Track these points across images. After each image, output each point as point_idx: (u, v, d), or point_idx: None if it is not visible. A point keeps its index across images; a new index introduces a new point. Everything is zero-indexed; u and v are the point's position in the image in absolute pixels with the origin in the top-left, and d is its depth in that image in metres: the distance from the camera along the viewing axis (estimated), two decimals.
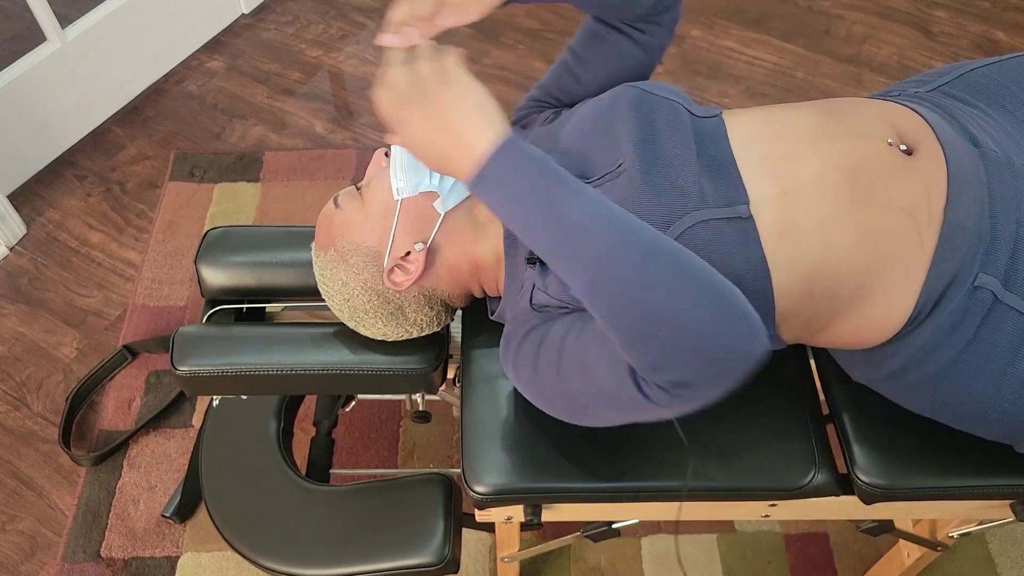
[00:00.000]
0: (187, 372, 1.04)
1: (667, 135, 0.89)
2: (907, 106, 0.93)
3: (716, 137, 0.89)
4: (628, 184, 0.86)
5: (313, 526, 1.19)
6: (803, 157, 0.86)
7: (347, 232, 0.96)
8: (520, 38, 2.38)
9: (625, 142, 0.89)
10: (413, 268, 0.96)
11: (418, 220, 0.94)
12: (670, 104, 0.92)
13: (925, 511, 1.02)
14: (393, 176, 0.93)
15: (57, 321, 1.80)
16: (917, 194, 0.84)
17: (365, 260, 0.96)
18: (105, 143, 2.13)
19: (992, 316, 0.84)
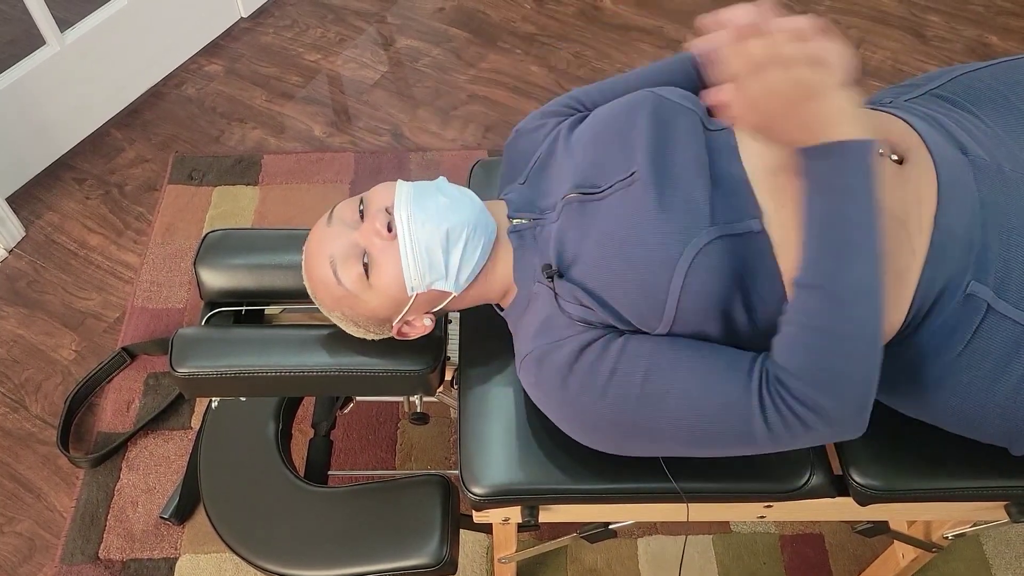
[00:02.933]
0: (186, 374, 1.05)
1: (682, 147, 0.89)
2: (897, 116, 0.94)
3: (727, 151, 0.89)
4: (642, 195, 0.87)
5: (311, 528, 1.20)
6: None
7: (354, 308, 0.94)
8: (517, 43, 2.39)
9: (640, 151, 0.89)
10: (420, 328, 0.97)
11: (428, 302, 0.94)
12: (688, 113, 0.92)
13: (920, 512, 1.03)
14: (406, 274, 0.90)
15: (56, 323, 1.81)
16: (908, 202, 0.85)
17: (372, 322, 0.96)
18: (104, 146, 2.14)
19: (985, 324, 0.84)
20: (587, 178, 0.93)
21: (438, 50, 2.38)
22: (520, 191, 1.01)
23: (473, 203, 0.93)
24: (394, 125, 2.19)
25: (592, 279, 0.88)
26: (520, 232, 0.95)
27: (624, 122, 0.94)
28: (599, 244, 0.88)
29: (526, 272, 0.94)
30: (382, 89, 2.28)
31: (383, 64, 2.35)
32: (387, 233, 0.89)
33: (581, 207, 0.92)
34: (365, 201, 0.93)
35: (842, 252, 0.76)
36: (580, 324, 0.88)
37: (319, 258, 0.92)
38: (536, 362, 0.90)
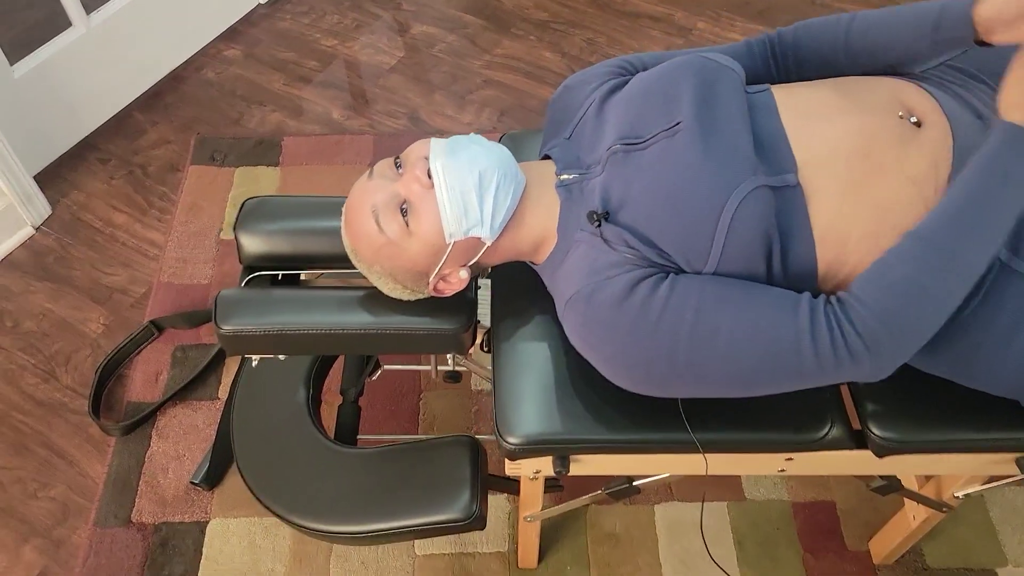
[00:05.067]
0: (230, 331, 1.09)
1: (725, 102, 0.93)
2: (914, 83, 0.99)
3: (766, 110, 0.94)
4: (688, 144, 0.90)
5: (344, 486, 1.24)
6: (822, 131, 0.91)
7: (395, 259, 0.98)
8: (530, 29, 2.44)
9: (686, 103, 0.93)
10: (456, 283, 1.01)
11: (465, 251, 0.98)
12: (729, 74, 0.97)
13: (933, 465, 1.08)
14: (444, 219, 0.94)
15: (83, 298, 1.85)
16: (925, 164, 0.90)
17: (410, 276, 1.00)
18: (127, 127, 2.18)
19: (1000, 281, 0.89)
20: (632, 129, 0.97)
21: (453, 36, 2.42)
22: (565, 146, 1.04)
23: (502, 151, 0.97)
24: (411, 109, 2.23)
25: (638, 223, 0.91)
26: (568, 187, 1.00)
27: (668, 80, 0.98)
28: (645, 191, 0.92)
29: (570, 223, 0.98)
30: (398, 74, 2.32)
31: (399, 50, 2.39)
32: (426, 180, 0.93)
33: (626, 157, 0.95)
34: (402, 156, 0.98)
35: (977, 229, 0.82)
36: (628, 263, 0.91)
37: (362, 210, 0.96)
38: (585, 300, 0.91)
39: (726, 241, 0.87)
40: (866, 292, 0.84)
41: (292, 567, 1.49)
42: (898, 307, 0.82)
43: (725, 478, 1.58)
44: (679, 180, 0.89)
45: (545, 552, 1.51)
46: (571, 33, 2.42)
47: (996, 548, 1.50)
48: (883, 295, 0.83)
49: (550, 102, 1.14)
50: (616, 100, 1.02)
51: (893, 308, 0.82)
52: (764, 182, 0.87)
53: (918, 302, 0.82)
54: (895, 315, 0.82)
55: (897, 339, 0.83)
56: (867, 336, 0.82)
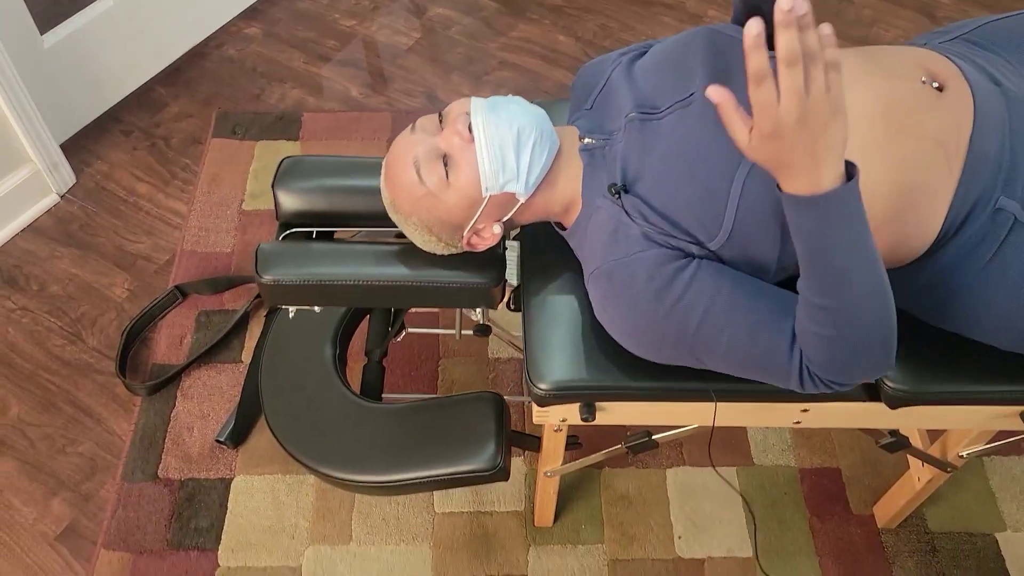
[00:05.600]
0: (271, 280, 1.13)
1: (737, 72, 0.97)
2: (936, 51, 1.04)
3: None
4: (702, 114, 0.95)
5: (372, 438, 1.28)
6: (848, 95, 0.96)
7: (432, 211, 1.02)
8: (545, 13, 2.48)
9: (699, 75, 0.98)
10: (489, 237, 1.06)
11: (500, 206, 1.02)
12: (739, 43, 1.01)
13: (942, 417, 1.13)
14: (482, 171, 0.98)
15: (108, 264, 1.89)
16: (948, 126, 0.94)
17: (446, 229, 1.05)
18: (149, 101, 2.22)
19: (1013, 235, 0.94)
20: (647, 99, 1.02)
21: (469, 19, 2.46)
22: (588, 116, 1.10)
23: (539, 111, 1.02)
24: (428, 88, 2.27)
25: (655, 194, 0.97)
26: (591, 151, 1.04)
27: (681, 52, 1.03)
28: (661, 160, 0.97)
29: (593, 188, 1.03)
30: (415, 54, 2.37)
31: (416, 31, 2.43)
32: (467, 134, 0.98)
33: (642, 126, 1.00)
34: (444, 112, 1.02)
35: (840, 276, 0.84)
36: (647, 239, 0.96)
37: (403, 161, 1.01)
38: (607, 276, 0.98)
39: (739, 206, 0.92)
40: (806, 352, 0.90)
41: (315, 522, 1.54)
42: (832, 360, 0.88)
43: (735, 443, 1.63)
44: (693, 149, 0.94)
45: (561, 512, 1.55)
46: (585, 18, 2.46)
47: (995, 514, 1.55)
48: (817, 354, 0.89)
49: (572, 84, 1.19)
50: (634, 71, 1.07)
51: (830, 362, 0.89)
52: None
53: (843, 349, 0.87)
54: (835, 365, 0.89)
55: (854, 376, 0.90)
56: (836, 383, 0.91)
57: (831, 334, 0.87)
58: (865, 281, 0.85)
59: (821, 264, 0.85)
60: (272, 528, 1.53)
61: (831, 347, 0.87)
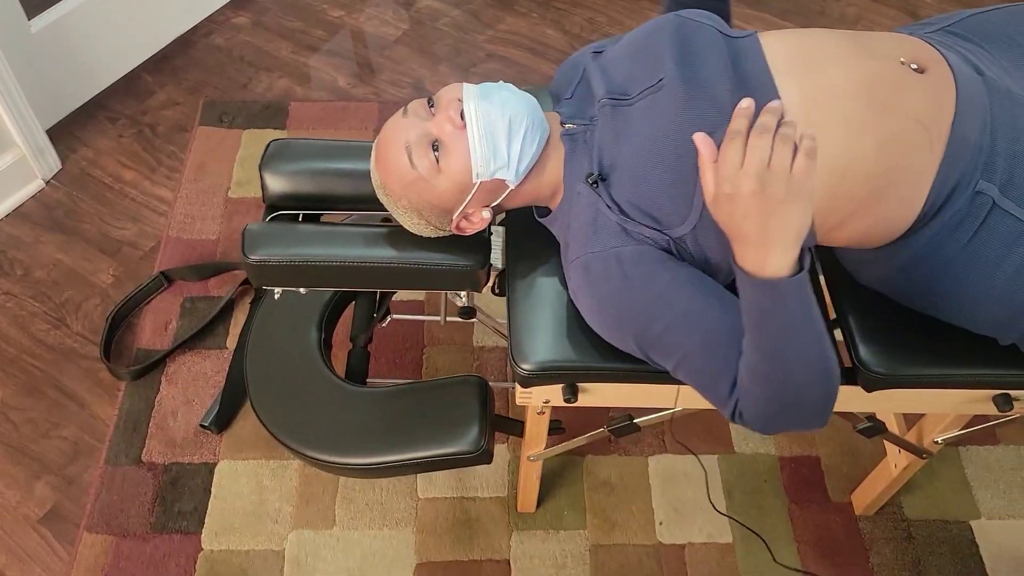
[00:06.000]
0: (258, 261, 1.14)
1: (704, 54, 1.00)
2: (918, 37, 1.06)
3: (752, 53, 1.00)
4: (670, 97, 0.97)
5: (356, 420, 1.29)
6: (826, 71, 0.98)
7: (422, 195, 1.03)
8: (534, 7, 2.50)
9: (667, 61, 1.00)
10: (478, 222, 1.07)
11: (489, 192, 1.04)
12: (706, 28, 1.04)
13: (918, 401, 1.15)
14: (474, 158, 0.99)
15: (93, 250, 1.89)
16: (930, 107, 0.96)
17: (435, 212, 1.06)
18: (136, 88, 2.22)
19: (990, 218, 0.96)
20: (618, 86, 1.04)
21: (457, 11, 2.47)
22: (568, 103, 1.11)
23: (530, 99, 1.03)
24: (416, 79, 2.28)
25: (629, 183, 0.98)
26: (572, 136, 1.06)
27: (649, 40, 1.05)
28: (632, 145, 0.99)
29: (574, 174, 1.05)
30: (404, 45, 2.37)
31: (404, 22, 2.44)
32: (459, 121, 0.99)
33: (614, 111, 1.02)
34: (436, 97, 1.03)
35: (775, 349, 0.88)
36: (623, 232, 0.98)
37: (395, 145, 1.02)
38: (584, 268, 1.00)
39: None
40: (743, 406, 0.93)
41: (299, 507, 1.54)
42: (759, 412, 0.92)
43: (716, 431, 1.65)
44: (663, 133, 0.95)
45: (543, 498, 1.57)
46: (573, 12, 2.48)
47: (970, 502, 1.58)
48: (749, 404, 0.92)
49: (553, 80, 1.20)
50: (606, 59, 1.09)
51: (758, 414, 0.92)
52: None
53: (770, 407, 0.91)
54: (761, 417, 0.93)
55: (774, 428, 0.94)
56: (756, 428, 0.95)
57: (762, 394, 0.90)
58: (802, 357, 0.88)
59: (759, 333, 0.89)
60: (256, 512, 1.53)
61: (760, 405, 0.91)
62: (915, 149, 0.95)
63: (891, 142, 0.95)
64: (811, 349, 0.88)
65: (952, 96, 0.97)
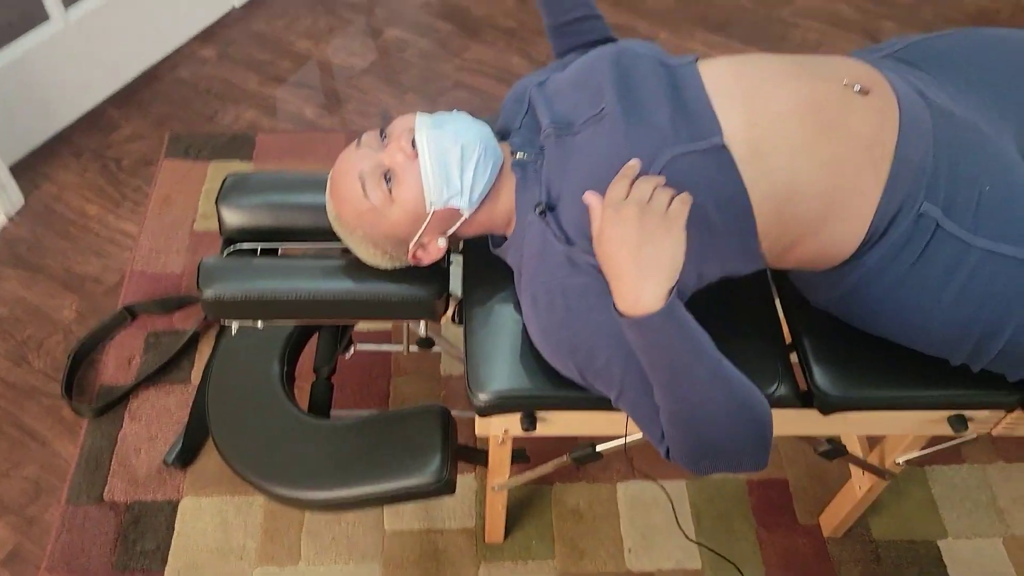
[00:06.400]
0: (212, 296, 1.13)
1: (643, 83, 1.01)
2: (861, 61, 1.08)
3: (690, 80, 1.02)
4: (611, 126, 0.99)
5: (318, 455, 1.28)
6: (770, 94, 0.99)
7: (377, 225, 1.04)
8: (499, 36, 2.52)
9: (608, 90, 1.01)
10: (434, 251, 1.08)
11: (443, 220, 1.04)
12: (645, 58, 1.05)
13: (875, 423, 1.15)
14: (426, 187, 0.99)
15: (56, 286, 1.87)
16: (873, 128, 0.98)
17: (391, 243, 1.06)
18: (101, 123, 2.21)
19: (935, 240, 0.97)
20: (562, 117, 1.05)
21: (424, 41, 2.49)
22: (518, 133, 1.12)
23: (483, 127, 1.04)
24: (383, 108, 2.29)
25: (574, 210, 0.99)
26: (523, 165, 1.06)
27: (590, 70, 1.06)
28: (577, 174, 1.00)
29: (525, 203, 1.05)
30: (371, 75, 2.39)
31: (372, 52, 2.46)
32: (411, 150, 0.99)
33: (559, 141, 1.03)
34: (388, 128, 1.04)
35: (667, 387, 0.90)
36: (572, 262, 0.99)
37: (348, 176, 1.02)
38: (532, 297, 1.01)
39: None
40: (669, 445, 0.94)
41: (264, 543, 1.52)
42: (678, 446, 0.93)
43: None
44: (605, 160, 0.97)
45: (511, 528, 1.56)
46: (538, 40, 2.51)
47: (937, 522, 1.59)
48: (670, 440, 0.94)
49: (502, 105, 1.21)
50: (550, 89, 1.11)
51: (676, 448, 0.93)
52: (684, 150, 0.95)
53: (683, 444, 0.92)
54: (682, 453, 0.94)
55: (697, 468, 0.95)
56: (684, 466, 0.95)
57: (678, 435, 0.92)
58: (703, 394, 0.89)
59: (654, 372, 0.91)
60: (220, 549, 1.51)
61: (683, 446, 0.93)
62: (859, 170, 0.97)
63: (835, 163, 0.96)
64: (711, 385, 0.90)
65: (895, 118, 0.99)
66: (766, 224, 0.98)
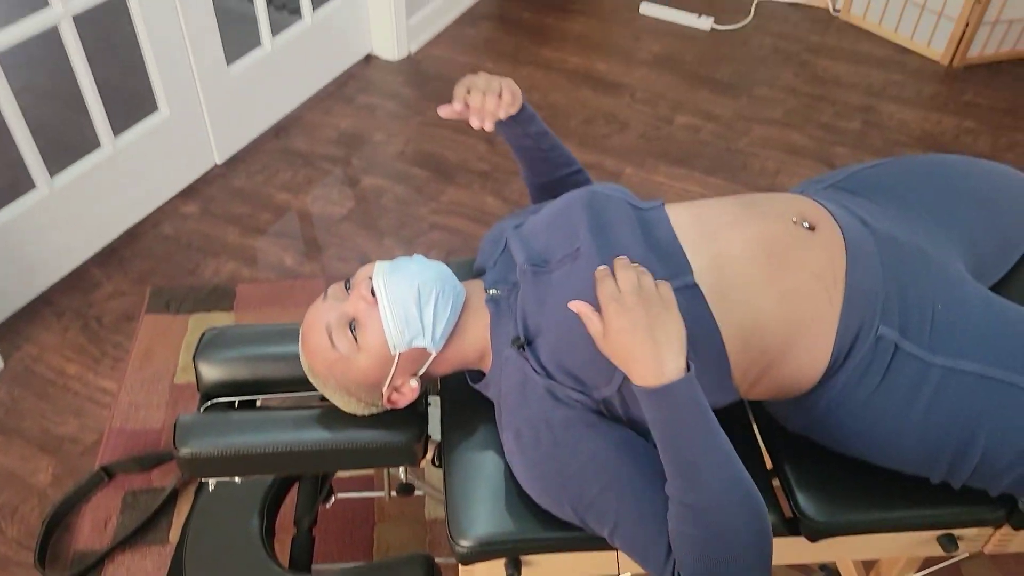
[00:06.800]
0: (188, 454, 1.12)
1: (616, 224, 1.06)
2: (808, 197, 1.14)
3: (660, 223, 1.07)
4: (587, 264, 1.02)
5: None
6: (725, 236, 1.04)
7: (347, 374, 1.06)
8: (473, 178, 2.63)
9: (582, 231, 1.06)
10: (408, 393, 1.09)
11: (412, 361, 1.06)
12: (616, 200, 1.11)
13: (866, 547, 1.13)
14: (387, 330, 1.02)
15: (33, 448, 1.84)
16: (823, 261, 1.03)
17: (363, 389, 1.08)
18: (83, 282, 2.25)
19: (895, 361, 1.00)
20: (538, 255, 1.09)
21: (400, 187, 2.59)
22: (492, 271, 1.16)
23: (440, 267, 1.08)
24: (362, 253, 2.35)
25: (553, 346, 1.01)
26: (496, 301, 1.09)
27: (564, 212, 1.12)
28: (555, 310, 1.02)
29: (501, 338, 1.07)
30: (349, 222, 2.46)
31: (350, 200, 2.54)
32: (370, 297, 1.03)
33: (535, 278, 1.07)
34: (352, 279, 1.07)
35: (693, 468, 0.89)
36: (552, 395, 1.00)
37: (316, 327, 1.04)
38: (515, 434, 1.02)
39: None
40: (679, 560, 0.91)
41: None
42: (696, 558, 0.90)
43: None
44: (582, 297, 1.00)
45: None
46: (511, 181, 2.61)
47: None
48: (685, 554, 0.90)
49: (478, 251, 1.26)
50: (525, 230, 1.15)
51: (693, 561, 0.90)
52: None
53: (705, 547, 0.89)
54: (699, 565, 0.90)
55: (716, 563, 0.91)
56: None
57: (694, 533, 0.89)
58: (718, 474, 0.89)
59: (677, 457, 0.90)
60: None
61: (696, 547, 0.89)
62: (815, 300, 1.00)
63: (791, 296, 1.00)
64: (725, 464, 0.89)
65: (842, 248, 1.03)
66: (736, 357, 1.00)
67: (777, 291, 1.00)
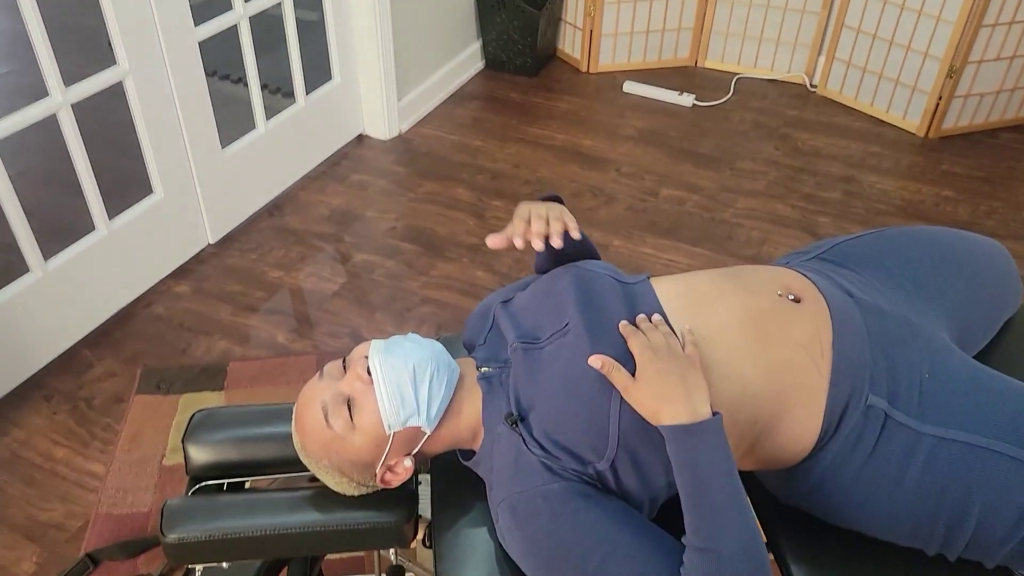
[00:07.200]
0: (175, 540, 1.11)
1: (603, 300, 1.08)
2: (793, 269, 1.16)
3: (646, 296, 1.09)
4: (576, 341, 1.04)
5: None
6: (712, 310, 1.06)
7: (342, 453, 1.05)
8: (463, 252, 2.66)
9: (570, 307, 1.08)
10: (402, 472, 1.09)
11: (407, 441, 1.06)
12: (602, 276, 1.13)
13: None
14: (383, 411, 1.02)
15: (17, 536, 1.81)
16: (809, 332, 1.04)
17: (357, 468, 1.07)
18: (74, 364, 2.24)
19: (886, 430, 1.01)
20: (528, 332, 1.10)
21: (391, 262, 2.62)
22: (482, 349, 1.16)
23: (435, 345, 1.08)
24: (353, 328, 2.36)
25: (546, 421, 1.02)
26: (488, 378, 1.10)
27: (551, 289, 1.14)
28: (547, 386, 1.03)
29: (493, 415, 1.08)
30: (341, 298, 2.48)
31: (341, 276, 2.56)
32: (366, 377, 1.03)
33: (526, 355, 1.08)
34: (348, 358, 1.08)
35: (718, 511, 0.91)
36: (547, 470, 1.00)
37: (312, 407, 1.04)
38: (511, 510, 1.01)
39: (620, 418, 0.97)
40: None
41: None
42: None
43: None
44: (574, 372, 1.01)
45: None
46: (500, 255, 2.64)
47: None
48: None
49: (466, 322, 1.27)
50: (513, 307, 1.17)
51: None
52: None
53: None
54: None
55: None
56: None
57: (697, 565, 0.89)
58: (743, 517, 0.91)
59: (707, 499, 0.90)
60: None
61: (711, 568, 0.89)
62: (803, 371, 1.01)
63: (779, 368, 1.01)
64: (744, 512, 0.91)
65: (828, 319, 1.05)
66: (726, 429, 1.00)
67: (764, 362, 1.02)
